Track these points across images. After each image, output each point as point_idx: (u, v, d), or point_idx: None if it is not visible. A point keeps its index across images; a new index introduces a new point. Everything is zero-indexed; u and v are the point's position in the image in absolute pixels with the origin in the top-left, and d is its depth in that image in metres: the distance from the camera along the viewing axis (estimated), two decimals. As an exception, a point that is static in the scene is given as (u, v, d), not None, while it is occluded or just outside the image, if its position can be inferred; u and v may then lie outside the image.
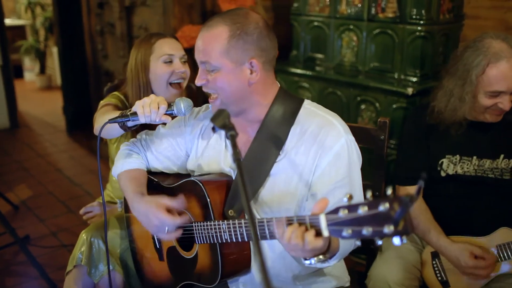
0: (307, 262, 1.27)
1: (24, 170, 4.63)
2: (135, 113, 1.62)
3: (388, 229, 0.99)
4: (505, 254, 1.83)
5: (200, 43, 1.48)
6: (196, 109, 1.75)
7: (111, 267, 1.88)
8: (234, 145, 1.19)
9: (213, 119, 1.30)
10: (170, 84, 2.06)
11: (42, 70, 7.73)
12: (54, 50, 6.97)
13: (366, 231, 1.02)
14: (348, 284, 1.70)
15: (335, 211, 1.08)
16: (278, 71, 3.28)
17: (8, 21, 7.10)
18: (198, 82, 1.51)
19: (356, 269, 2.14)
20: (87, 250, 1.89)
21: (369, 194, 1.04)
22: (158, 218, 1.50)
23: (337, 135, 1.47)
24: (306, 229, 1.16)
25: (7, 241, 3.08)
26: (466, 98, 1.82)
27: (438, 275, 1.92)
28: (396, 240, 0.99)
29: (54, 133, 5.68)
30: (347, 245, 1.42)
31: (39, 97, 7.32)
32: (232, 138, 1.23)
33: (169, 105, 1.63)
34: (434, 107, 1.93)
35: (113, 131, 1.79)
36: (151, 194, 1.67)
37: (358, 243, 1.22)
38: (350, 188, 1.45)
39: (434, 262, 1.93)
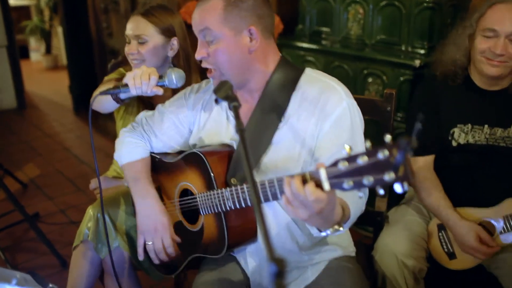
0: (323, 233, 1.27)
1: (32, 149, 4.66)
2: (126, 85, 1.60)
3: (388, 176, 0.97)
4: (512, 225, 1.82)
5: (197, 17, 1.47)
6: (196, 85, 1.74)
7: (116, 244, 1.88)
8: (237, 116, 1.18)
9: (215, 91, 1.29)
10: (132, 61, 2.03)
11: (48, 50, 7.73)
12: (59, 29, 6.95)
13: (367, 180, 1.00)
14: (353, 254, 1.71)
15: (335, 163, 1.06)
16: (284, 46, 3.25)
17: (12, 1, 7.07)
18: (198, 56, 1.49)
19: (364, 242, 2.14)
20: (93, 226, 1.89)
21: (368, 144, 1.02)
22: (155, 229, 1.63)
23: (339, 99, 1.46)
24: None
25: (17, 219, 3.11)
26: (459, 41, 1.87)
27: (445, 246, 1.92)
28: (398, 187, 0.98)
29: (61, 113, 5.70)
30: (357, 207, 1.41)
31: (45, 77, 7.33)
32: (235, 109, 1.22)
33: (161, 77, 1.61)
34: (436, 57, 1.98)
35: (108, 104, 1.78)
36: (154, 173, 1.69)
37: (361, 194, 1.17)
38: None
39: (440, 234, 1.93)
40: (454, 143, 1.91)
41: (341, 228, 1.25)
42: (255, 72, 1.50)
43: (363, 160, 1.01)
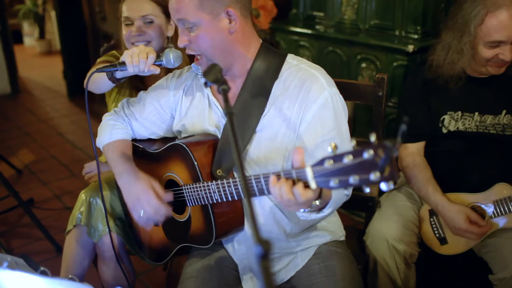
0: (301, 213, 1.27)
1: (26, 135, 4.65)
2: (123, 63, 1.59)
3: (374, 176, 0.99)
4: (502, 210, 1.83)
5: (173, 4, 1.45)
6: (178, 71, 1.72)
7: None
8: (226, 99, 1.18)
9: (205, 74, 1.29)
10: (133, 44, 1.97)
11: (42, 35, 7.67)
12: (53, 13, 6.89)
13: (353, 179, 1.02)
14: (343, 239, 1.71)
15: (321, 162, 1.08)
16: (278, 30, 3.23)
17: (5, -15, 6.98)
18: (180, 44, 1.48)
19: (358, 227, 2.16)
20: (86, 210, 1.90)
21: (353, 142, 1.04)
22: (149, 203, 1.53)
23: (320, 88, 1.45)
24: (294, 183, 1.15)
25: (12, 204, 3.11)
26: (464, 49, 1.79)
27: (436, 231, 1.93)
28: (383, 186, 0.99)
29: (55, 98, 5.68)
30: (339, 195, 1.41)
31: (39, 62, 7.28)
32: (224, 92, 1.21)
33: (158, 56, 1.60)
34: (432, 61, 1.90)
35: (103, 84, 1.76)
36: (137, 162, 1.67)
37: (347, 192, 1.20)
38: (338, 140, 1.44)
39: (431, 219, 1.94)
40: (444, 130, 1.92)
41: (321, 210, 1.26)
42: (238, 56, 1.49)
43: (348, 159, 1.02)
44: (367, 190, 1.03)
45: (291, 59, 1.54)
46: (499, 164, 1.90)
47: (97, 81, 1.76)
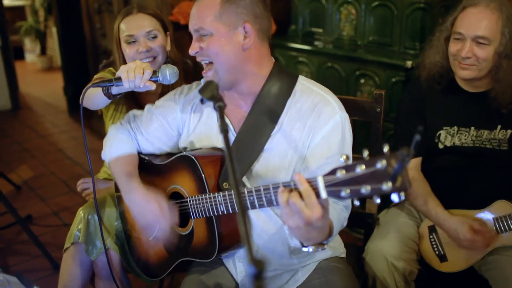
0: (305, 249, 1.27)
1: (25, 151, 4.65)
2: (119, 78, 1.58)
3: (386, 186, 0.98)
4: (502, 227, 1.81)
5: (194, 11, 1.48)
6: (186, 87, 1.72)
7: (108, 245, 1.88)
8: (222, 116, 1.18)
9: (201, 91, 1.29)
10: None
11: (43, 51, 7.71)
12: (54, 30, 6.94)
13: (365, 189, 1.01)
14: (343, 255, 1.71)
15: (333, 172, 1.07)
16: (277, 46, 3.25)
17: (7, 2, 7.07)
18: (191, 51, 1.49)
19: (358, 244, 2.14)
20: (84, 228, 1.89)
21: (365, 153, 1.04)
22: (154, 216, 1.53)
23: (332, 111, 1.47)
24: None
25: (10, 221, 3.10)
26: (438, 44, 1.88)
27: (436, 248, 1.91)
28: (394, 197, 0.98)
29: (55, 114, 5.69)
30: (339, 222, 1.44)
31: (40, 78, 7.31)
32: (220, 109, 1.22)
33: (154, 72, 1.61)
34: (420, 60, 1.98)
35: (98, 100, 1.76)
36: (142, 174, 1.67)
37: (356, 203, 1.17)
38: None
39: (431, 236, 1.93)
40: (440, 146, 1.91)
41: (325, 247, 1.27)
42: (248, 74, 1.50)
43: (361, 169, 1.02)
44: (378, 200, 1.02)
45: (303, 80, 1.56)
46: (496, 179, 1.89)
47: (93, 97, 1.76)
